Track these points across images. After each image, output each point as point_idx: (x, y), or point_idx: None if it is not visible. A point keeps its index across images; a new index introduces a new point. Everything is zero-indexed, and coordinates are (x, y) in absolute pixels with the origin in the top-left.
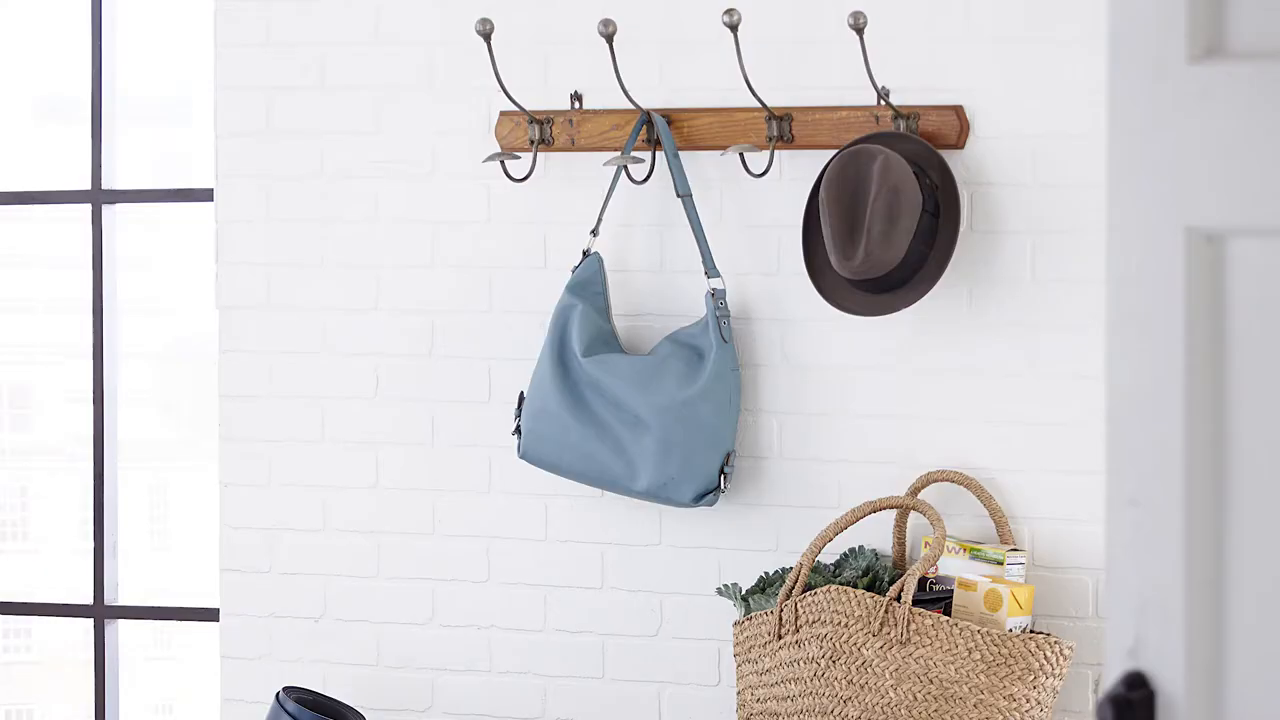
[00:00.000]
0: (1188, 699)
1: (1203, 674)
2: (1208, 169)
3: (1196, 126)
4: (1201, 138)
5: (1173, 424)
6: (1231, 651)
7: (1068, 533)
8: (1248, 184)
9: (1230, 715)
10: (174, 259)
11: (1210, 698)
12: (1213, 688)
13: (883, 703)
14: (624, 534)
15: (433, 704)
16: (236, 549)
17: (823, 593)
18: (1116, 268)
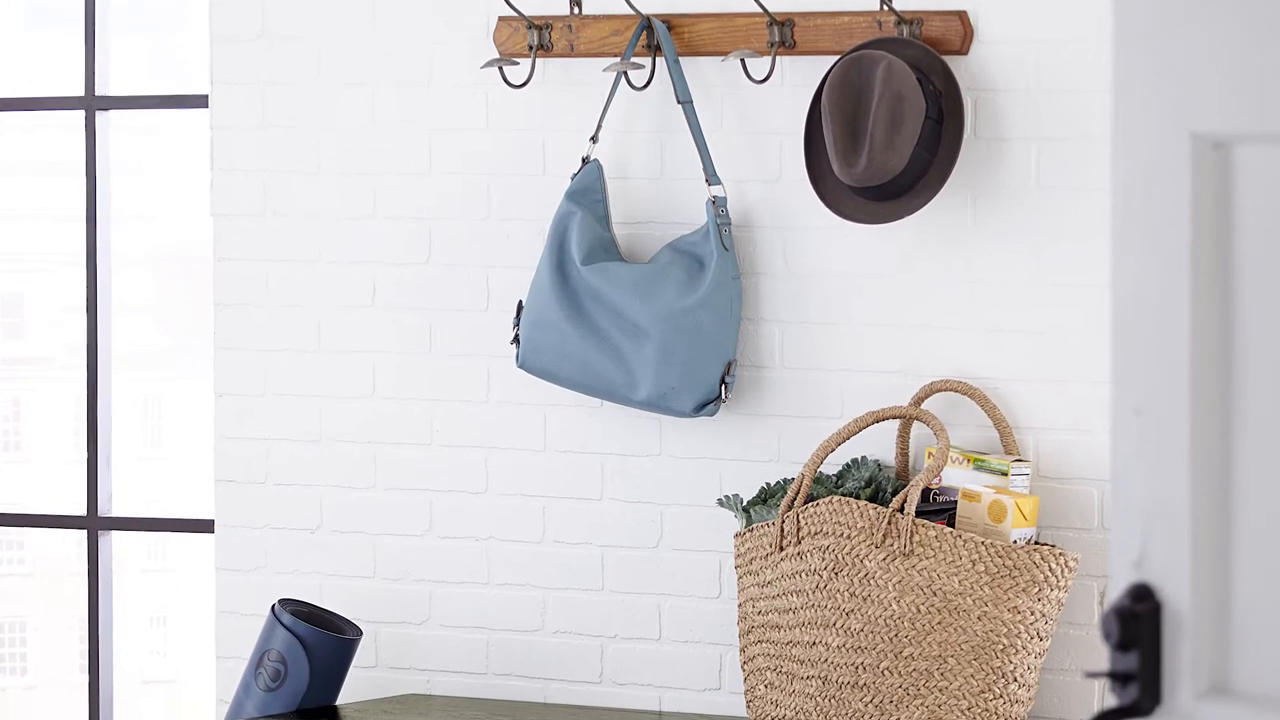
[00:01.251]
0: (1193, 611)
1: (1209, 586)
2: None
3: (1203, 31)
4: (1208, 43)
5: (1178, 333)
6: (1238, 562)
7: (1072, 443)
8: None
9: (1236, 627)
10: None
11: (1216, 609)
12: (1219, 599)
13: (885, 615)
14: (624, 444)
15: (430, 616)
16: (231, 460)
17: (825, 504)
18: (1121, 175)
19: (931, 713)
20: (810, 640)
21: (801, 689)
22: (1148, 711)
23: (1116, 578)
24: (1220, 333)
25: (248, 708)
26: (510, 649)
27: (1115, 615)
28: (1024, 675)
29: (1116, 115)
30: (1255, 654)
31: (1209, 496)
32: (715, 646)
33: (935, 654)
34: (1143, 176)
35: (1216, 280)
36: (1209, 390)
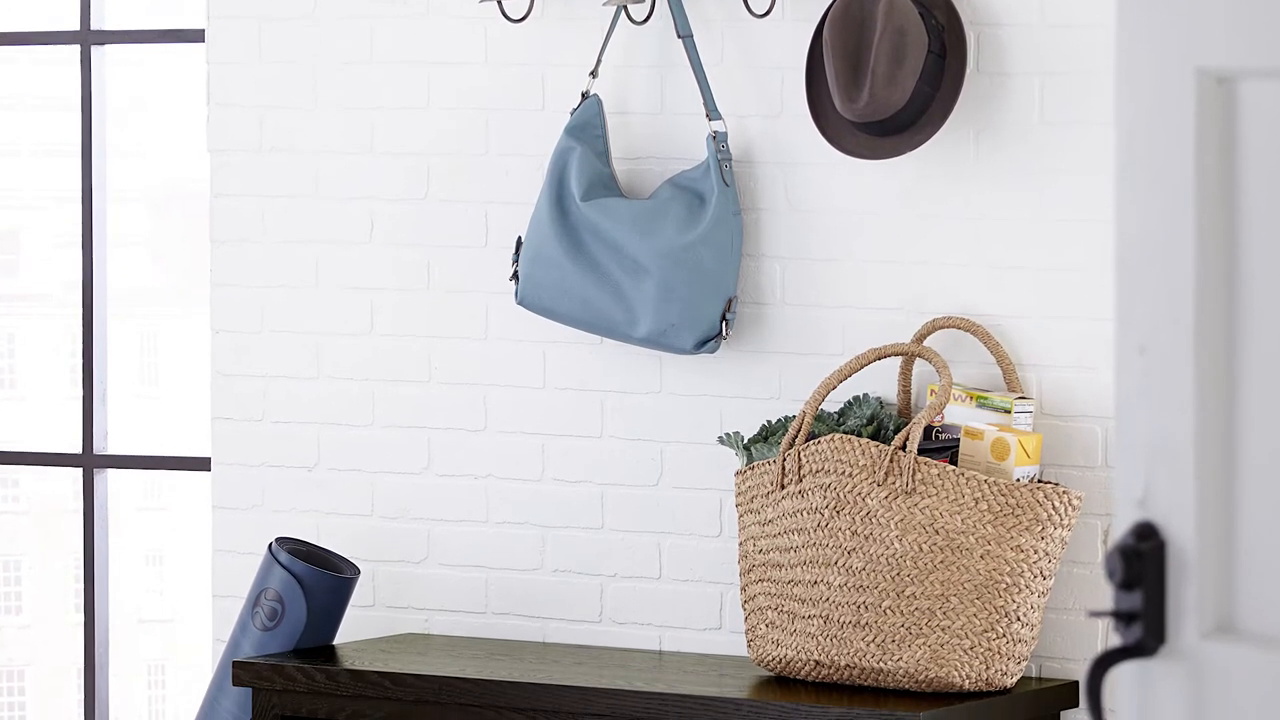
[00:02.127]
0: (1198, 549)
1: (1213, 524)
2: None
3: None
4: None
5: (1182, 270)
6: (1242, 500)
7: (1076, 381)
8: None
9: (1241, 565)
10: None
11: (1221, 547)
12: (1223, 537)
13: (887, 554)
14: (624, 382)
15: (428, 555)
16: (228, 397)
17: (826, 441)
18: (1125, 111)
19: (934, 652)
20: (812, 579)
21: (803, 628)
22: (1152, 650)
23: (1120, 516)
24: (1225, 269)
25: (244, 647)
26: (509, 588)
27: (1119, 554)
28: (1027, 614)
29: (1120, 50)
30: (1260, 592)
31: (1213, 434)
32: (716, 585)
33: (938, 593)
34: (1147, 112)
35: (1221, 216)
36: (1213, 327)
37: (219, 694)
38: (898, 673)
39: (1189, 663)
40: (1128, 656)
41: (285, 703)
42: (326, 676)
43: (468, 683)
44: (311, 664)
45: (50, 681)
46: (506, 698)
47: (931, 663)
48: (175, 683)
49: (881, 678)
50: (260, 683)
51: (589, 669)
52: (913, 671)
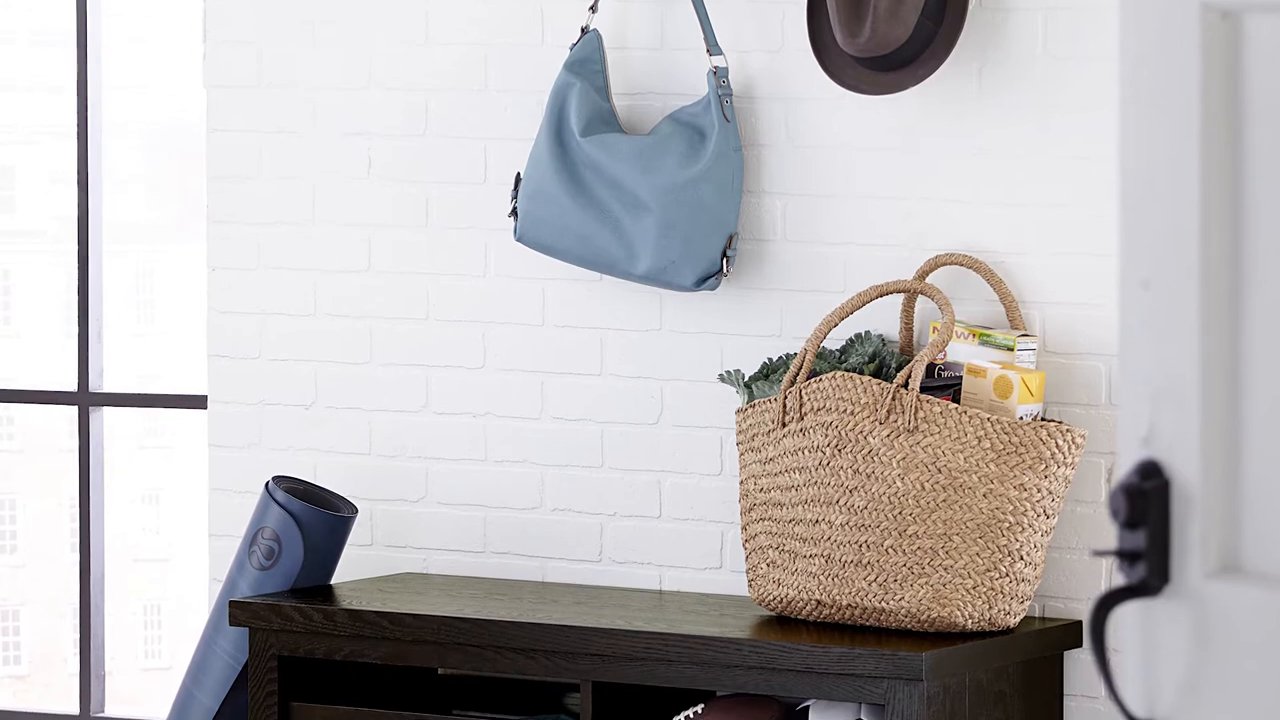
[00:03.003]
0: (1203, 487)
1: (1218, 462)
2: None
3: None
4: None
5: (1187, 205)
6: (1248, 438)
7: (1080, 317)
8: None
9: (1247, 504)
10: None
11: (1226, 486)
12: (1229, 476)
13: (889, 492)
14: (623, 319)
15: (426, 493)
16: (225, 334)
17: (828, 379)
18: (1129, 45)
19: (936, 591)
20: (813, 518)
21: (804, 567)
22: (1156, 590)
23: (1124, 454)
24: (1229, 204)
25: (241, 586)
26: (508, 527)
27: (1123, 492)
28: (1030, 553)
29: None
30: (1266, 531)
31: (1218, 371)
32: (716, 524)
33: (940, 532)
34: (1151, 47)
35: (1225, 152)
36: (1218, 263)
37: (215, 634)
38: (900, 612)
39: (1193, 602)
40: (1132, 596)
41: (282, 642)
42: (324, 616)
43: (466, 622)
44: (309, 604)
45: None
46: (505, 637)
47: (934, 602)
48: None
49: (883, 617)
50: (257, 622)
51: (588, 608)
52: (915, 611)
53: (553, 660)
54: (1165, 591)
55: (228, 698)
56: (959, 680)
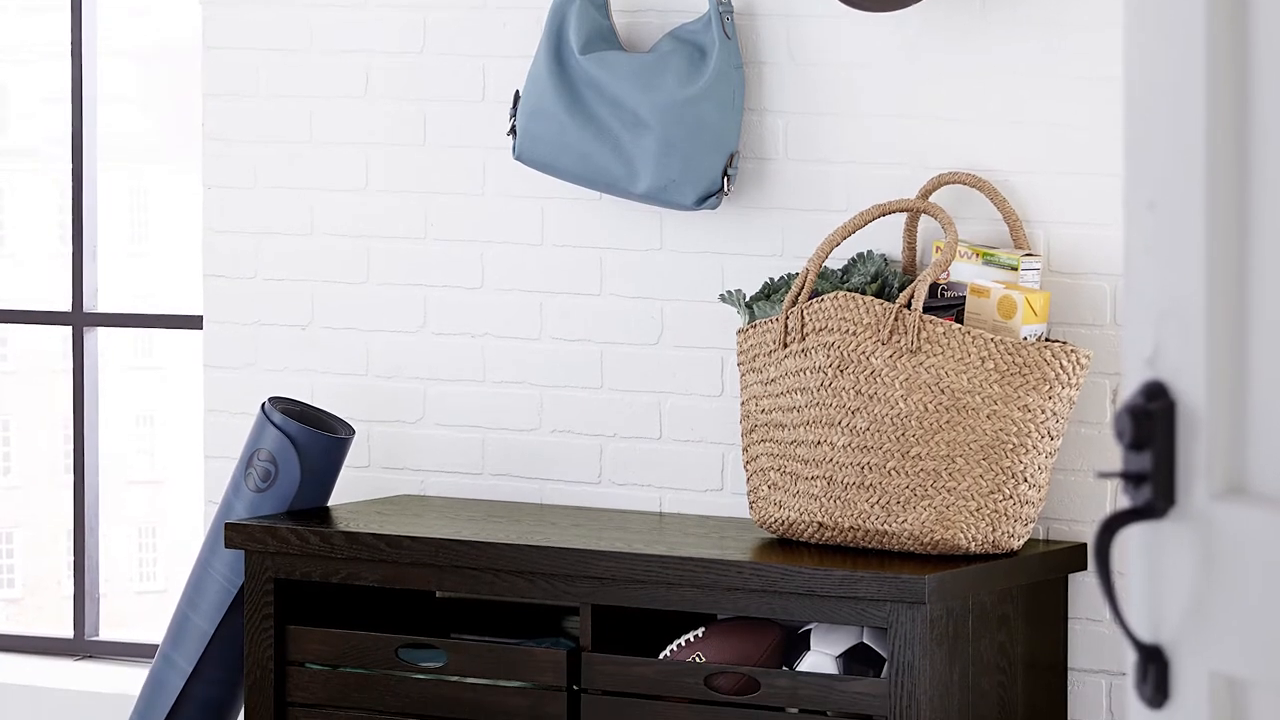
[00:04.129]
0: (1208, 409)
1: (1224, 383)
2: None
3: None
4: None
5: (1193, 124)
6: (1254, 359)
7: (1084, 237)
8: None
9: (1253, 425)
10: None
11: (1232, 407)
12: (1234, 397)
13: (892, 413)
14: (623, 238)
15: (424, 415)
16: (220, 254)
17: (830, 299)
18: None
19: (939, 514)
20: (815, 439)
21: (806, 489)
22: (1162, 512)
23: (1129, 375)
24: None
25: (237, 509)
26: (507, 448)
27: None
28: (1034, 475)
29: None
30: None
31: (1224, 291)
32: (717, 446)
33: (943, 453)
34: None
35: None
36: (1224, 183)
37: (211, 556)
38: (902, 535)
39: (1199, 525)
40: (1137, 518)
41: (278, 565)
42: (320, 539)
43: (464, 545)
44: (305, 526)
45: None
46: (504, 560)
47: (937, 524)
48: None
49: (886, 540)
50: (253, 545)
51: (588, 531)
52: (918, 533)
53: (551, 583)
54: (1170, 514)
55: (223, 621)
56: (962, 603)
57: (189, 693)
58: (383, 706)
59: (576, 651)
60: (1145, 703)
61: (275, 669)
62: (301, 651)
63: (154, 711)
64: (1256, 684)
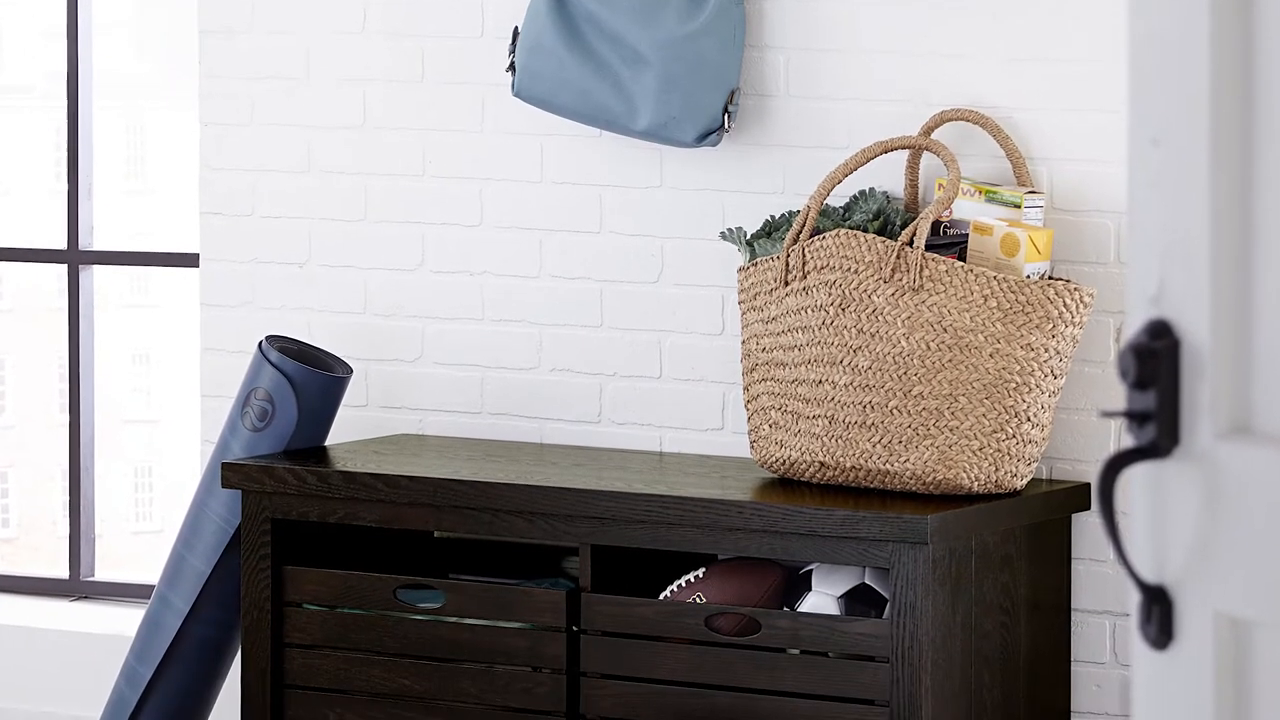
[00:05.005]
0: (1213, 347)
1: (1229, 322)
2: None
3: None
4: None
5: (1198, 60)
6: (1259, 298)
7: (1088, 174)
8: None
9: (1258, 364)
10: None
11: (1237, 346)
12: (1239, 335)
13: (894, 352)
14: (623, 175)
15: (422, 353)
16: (217, 191)
17: (831, 237)
18: None
19: (942, 453)
20: (816, 378)
21: (807, 429)
22: (1166, 452)
23: (1133, 313)
24: (1241, 60)
25: (234, 448)
26: (506, 387)
27: (1132, 352)
28: (1037, 414)
29: None
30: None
31: (1229, 229)
32: (718, 385)
33: (946, 392)
34: None
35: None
36: (1229, 119)
37: (207, 496)
38: (904, 474)
39: (1203, 464)
40: (1141, 458)
41: (275, 505)
42: (318, 478)
43: (463, 485)
44: (303, 465)
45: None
46: (502, 500)
47: (939, 464)
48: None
49: (888, 479)
50: (250, 485)
51: (588, 470)
52: (920, 473)
53: (551, 523)
54: (1175, 453)
55: (220, 561)
56: (964, 544)
57: (185, 633)
58: (380, 647)
59: (576, 592)
60: (1149, 643)
61: (272, 610)
62: (298, 592)
63: (150, 652)
64: (1261, 624)
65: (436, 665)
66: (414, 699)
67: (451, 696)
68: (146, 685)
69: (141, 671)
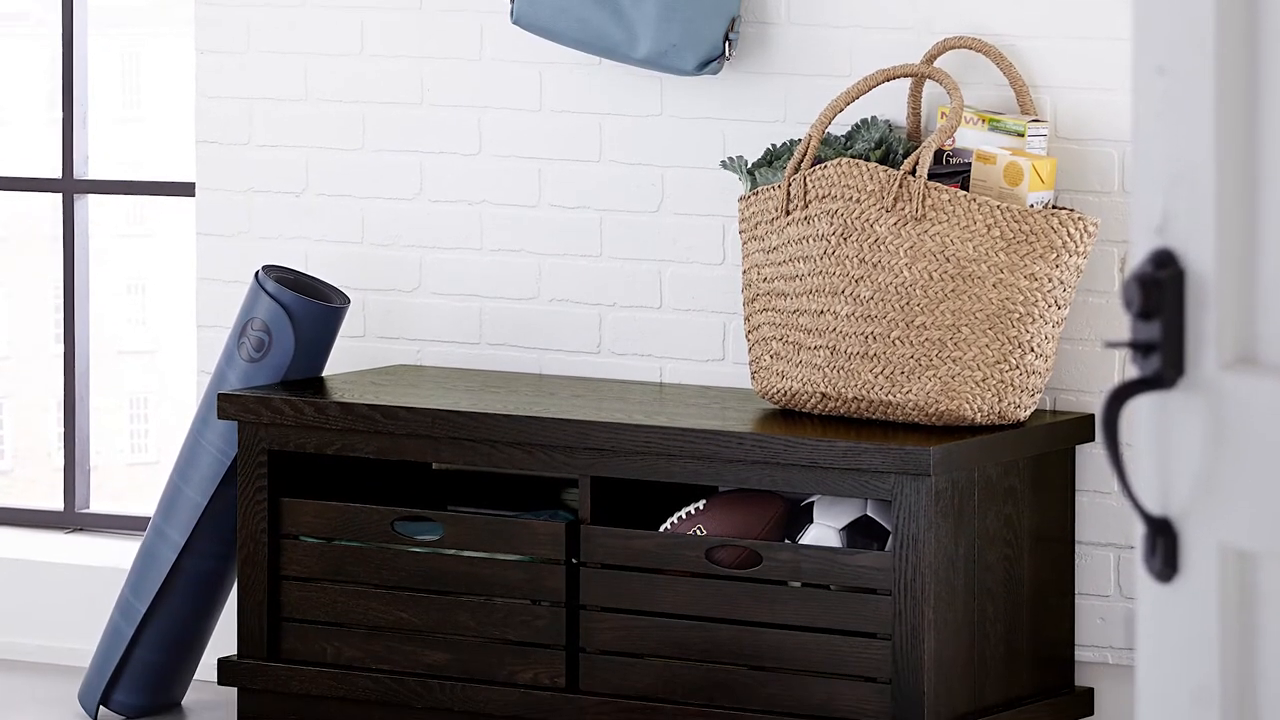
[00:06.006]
0: (1218, 277)
1: (1234, 251)
2: None
3: None
4: None
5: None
6: (1264, 227)
7: (1092, 102)
8: None
9: (1263, 294)
10: None
11: (1242, 276)
12: (1245, 266)
13: (896, 282)
14: (623, 104)
15: (420, 283)
16: (213, 120)
17: (833, 166)
18: None
19: (945, 384)
20: (818, 309)
21: (808, 360)
22: (1170, 382)
23: (1137, 243)
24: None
25: (230, 379)
26: (504, 318)
27: (1136, 282)
28: (1041, 345)
29: None
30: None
31: (1234, 158)
32: (718, 315)
33: (949, 323)
34: None
35: None
36: (1235, 47)
37: (203, 428)
38: (907, 405)
39: (1208, 395)
40: (1145, 388)
41: (272, 436)
42: (315, 409)
43: (461, 416)
44: (299, 396)
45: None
46: (501, 431)
47: (942, 395)
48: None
49: (890, 411)
50: (246, 416)
51: (587, 402)
52: (922, 404)
53: (550, 455)
54: (1179, 384)
55: (216, 493)
56: (967, 475)
57: (181, 566)
58: (378, 580)
59: (575, 524)
60: (1154, 576)
61: (269, 542)
62: (295, 524)
63: (146, 584)
64: (1267, 556)
65: (434, 598)
66: (411, 632)
67: (449, 629)
68: (142, 618)
69: (136, 605)
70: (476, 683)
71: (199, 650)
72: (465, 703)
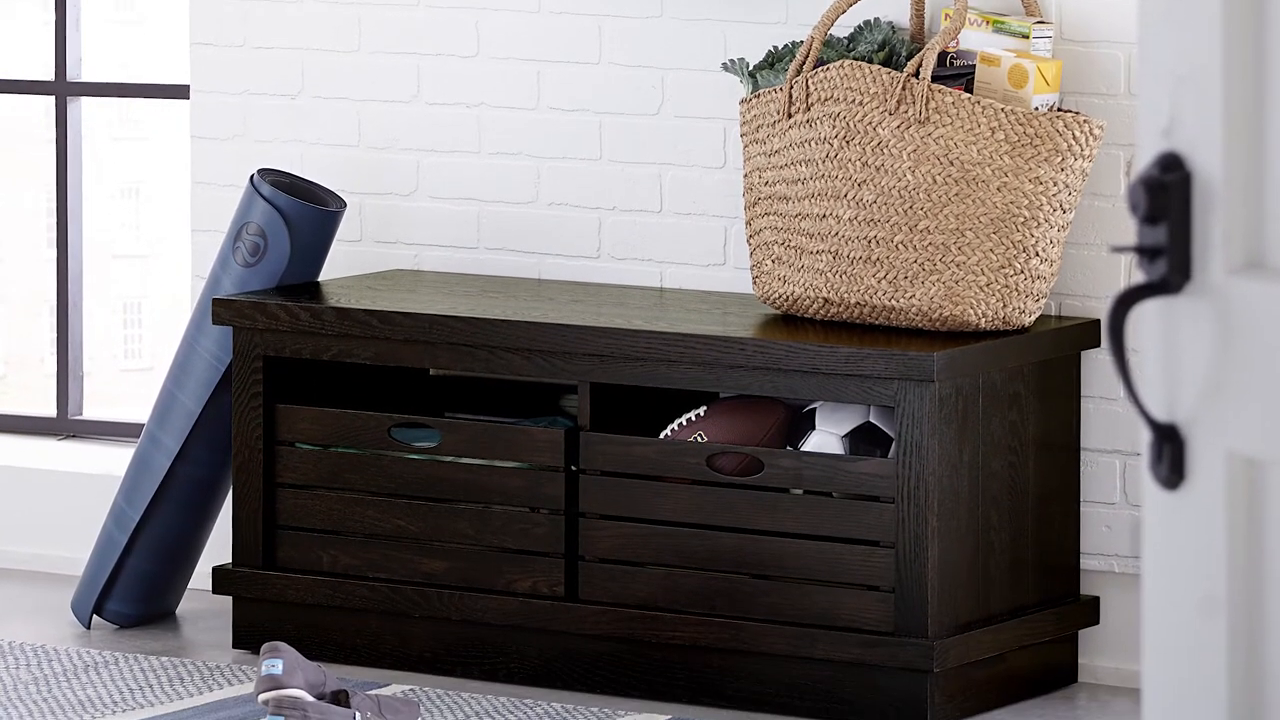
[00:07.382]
0: (1225, 181)
1: (1241, 155)
2: None
3: None
4: None
5: None
6: (1272, 130)
7: (1097, 3)
8: None
9: (1270, 199)
10: None
11: (1249, 180)
12: (1252, 169)
13: (900, 185)
14: (623, 5)
15: (418, 187)
16: (207, 21)
17: (835, 68)
18: None
19: (948, 288)
20: (820, 213)
21: (811, 264)
22: (1177, 287)
23: (1144, 146)
24: None
25: (225, 283)
26: (502, 222)
27: (1143, 186)
28: (1046, 249)
29: None
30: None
31: (1242, 60)
32: (719, 219)
33: (952, 227)
34: None
35: None
36: None
37: (198, 333)
38: (910, 310)
39: (1215, 300)
40: (1152, 293)
41: (267, 342)
42: (311, 315)
43: (459, 321)
44: (295, 301)
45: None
46: (499, 336)
47: (946, 300)
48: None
49: (893, 316)
50: (241, 321)
51: (586, 307)
52: (926, 309)
53: (549, 360)
54: (1186, 289)
55: (210, 399)
56: (971, 381)
57: (176, 473)
58: (375, 487)
59: (575, 431)
60: (1160, 483)
61: (264, 449)
62: (291, 431)
63: (140, 492)
64: (1274, 463)
65: (432, 505)
66: (409, 540)
67: (447, 537)
68: (135, 526)
69: (130, 512)
70: (474, 591)
71: (194, 558)
72: (463, 612)
